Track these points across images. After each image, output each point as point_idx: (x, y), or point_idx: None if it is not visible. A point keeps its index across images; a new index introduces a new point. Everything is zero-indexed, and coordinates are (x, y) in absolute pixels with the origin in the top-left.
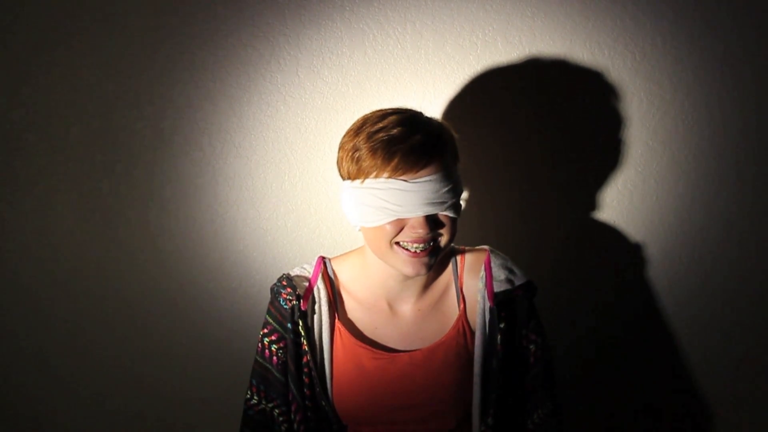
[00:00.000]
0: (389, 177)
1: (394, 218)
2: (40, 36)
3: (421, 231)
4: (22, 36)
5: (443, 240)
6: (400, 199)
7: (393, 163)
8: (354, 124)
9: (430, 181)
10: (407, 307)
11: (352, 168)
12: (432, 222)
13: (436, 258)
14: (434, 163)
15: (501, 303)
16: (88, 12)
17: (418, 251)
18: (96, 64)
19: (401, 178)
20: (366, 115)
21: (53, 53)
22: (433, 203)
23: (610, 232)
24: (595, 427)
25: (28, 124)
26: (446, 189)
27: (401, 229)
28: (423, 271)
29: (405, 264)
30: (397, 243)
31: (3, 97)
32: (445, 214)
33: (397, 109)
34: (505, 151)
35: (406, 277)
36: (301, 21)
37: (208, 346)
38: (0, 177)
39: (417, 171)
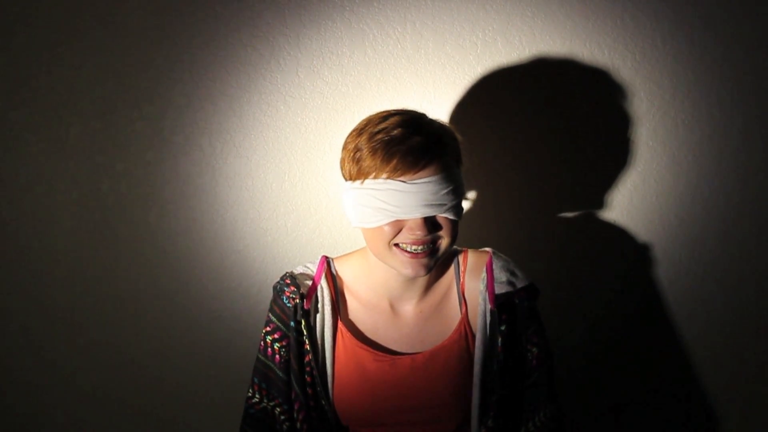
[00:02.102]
0: (388, 177)
1: (393, 219)
2: (40, 36)
3: (419, 233)
4: (22, 36)
5: (443, 242)
6: (398, 200)
7: (392, 164)
8: (358, 124)
9: (429, 182)
10: (409, 309)
11: (353, 169)
12: (430, 224)
13: (435, 260)
14: (433, 165)
15: (502, 305)
16: (88, 12)
17: (417, 253)
18: (96, 64)
19: (399, 179)
20: (370, 116)
21: (53, 53)
22: (432, 205)
23: (610, 232)
24: (597, 425)
25: (28, 124)
26: (446, 191)
27: (400, 231)
28: (422, 272)
29: (404, 265)
30: (396, 244)
31: (3, 97)
32: (444, 216)
33: (401, 110)
34: (504, 151)
35: (408, 278)
36: (301, 21)
37: (209, 345)
38: (0, 177)
39: (415, 172)
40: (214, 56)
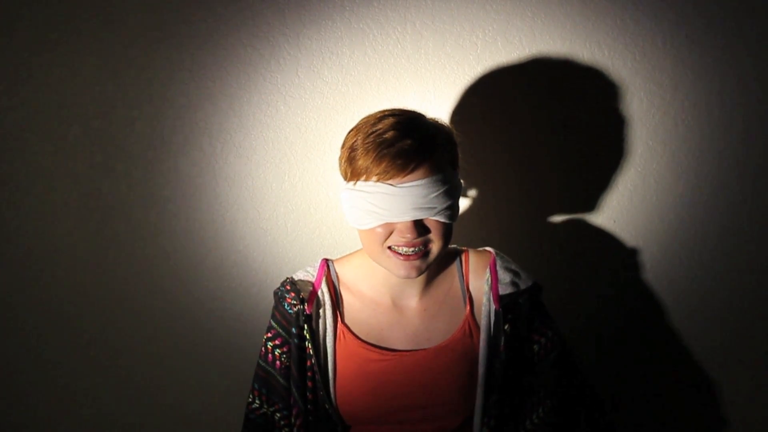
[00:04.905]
0: (378, 180)
1: (383, 222)
2: (40, 36)
3: (409, 236)
4: (22, 36)
5: (435, 245)
6: (388, 203)
7: (381, 167)
8: (357, 122)
9: (418, 185)
10: (412, 306)
11: (348, 169)
12: (420, 227)
13: (428, 262)
14: (423, 168)
15: (506, 306)
16: (88, 12)
17: (408, 255)
18: (96, 64)
19: (388, 182)
20: (369, 115)
21: (53, 53)
22: (421, 208)
23: (610, 232)
24: None
25: (28, 124)
26: (436, 194)
27: (391, 233)
28: (414, 274)
29: (396, 267)
30: (390, 246)
31: (3, 97)
32: (434, 219)
33: (398, 110)
34: (504, 150)
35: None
36: (301, 21)
37: (209, 346)
38: (0, 177)
39: (404, 175)
40: (214, 56)
